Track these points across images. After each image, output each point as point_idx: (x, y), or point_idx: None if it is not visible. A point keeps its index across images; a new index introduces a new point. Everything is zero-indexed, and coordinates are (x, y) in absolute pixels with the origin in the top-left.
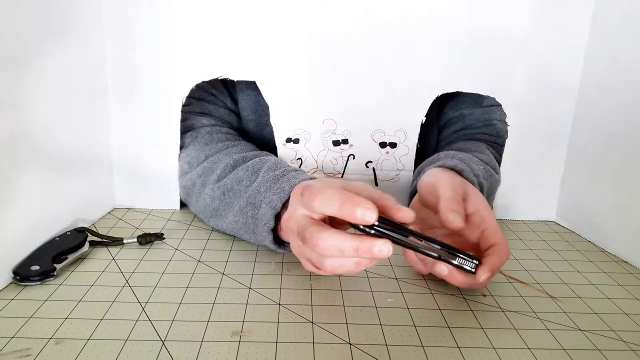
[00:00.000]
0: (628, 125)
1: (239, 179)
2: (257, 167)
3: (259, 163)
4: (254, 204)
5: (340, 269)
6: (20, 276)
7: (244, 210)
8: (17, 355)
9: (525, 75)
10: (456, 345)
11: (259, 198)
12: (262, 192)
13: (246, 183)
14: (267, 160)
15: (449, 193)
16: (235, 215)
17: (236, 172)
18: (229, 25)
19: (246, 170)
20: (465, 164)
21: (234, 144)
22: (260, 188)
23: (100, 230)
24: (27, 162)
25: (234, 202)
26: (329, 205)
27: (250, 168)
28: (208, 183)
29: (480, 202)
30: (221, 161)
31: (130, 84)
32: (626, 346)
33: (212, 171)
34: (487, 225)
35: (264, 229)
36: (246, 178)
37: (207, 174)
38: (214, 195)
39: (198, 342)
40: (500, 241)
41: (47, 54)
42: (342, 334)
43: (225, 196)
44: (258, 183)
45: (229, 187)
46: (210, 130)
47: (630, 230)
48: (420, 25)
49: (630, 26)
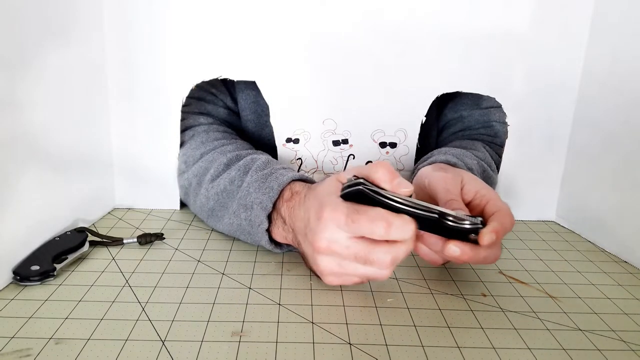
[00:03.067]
0: (628, 125)
1: (231, 178)
2: (248, 166)
3: (250, 162)
4: (245, 205)
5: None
6: (20, 276)
7: (236, 213)
8: (17, 355)
9: (525, 75)
10: (456, 345)
11: (250, 199)
12: (252, 192)
13: (237, 183)
14: (257, 159)
15: (443, 196)
16: (230, 217)
17: (229, 172)
18: (229, 25)
19: (238, 169)
20: (457, 159)
21: (230, 142)
22: (249, 189)
23: (100, 230)
24: (27, 162)
25: (227, 203)
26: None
27: (242, 167)
28: (203, 182)
29: (476, 183)
30: (216, 160)
31: (130, 84)
32: (626, 346)
33: (207, 170)
34: (488, 200)
35: (259, 231)
36: (238, 178)
37: (202, 174)
38: (208, 195)
39: (198, 342)
40: (500, 208)
41: (47, 54)
42: (342, 334)
43: (219, 196)
44: (247, 183)
45: (222, 187)
46: (207, 128)
47: (630, 230)
48: (421, 25)
49: (630, 26)
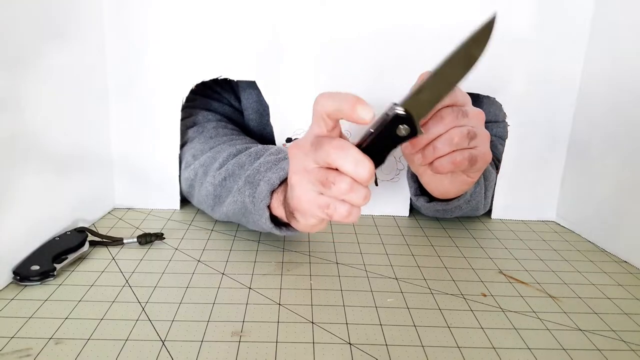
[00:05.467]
0: (628, 125)
1: (240, 163)
2: (259, 153)
3: (262, 150)
4: (252, 182)
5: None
6: (20, 276)
7: (241, 190)
8: (17, 355)
9: (525, 75)
10: (456, 345)
11: (258, 177)
12: (262, 171)
13: (247, 167)
14: (270, 147)
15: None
16: (234, 195)
17: (238, 158)
18: (229, 25)
19: (249, 155)
20: None
21: (238, 138)
22: (260, 168)
23: (100, 230)
24: (27, 162)
25: (233, 187)
26: (329, 104)
27: (253, 154)
28: (210, 171)
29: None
30: (224, 150)
31: (130, 84)
32: (626, 346)
33: (215, 159)
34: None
35: (261, 206)
36: (248, 162)
37: (209, 163)
38: (215, 182)
39: (198, 342)
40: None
41: (47, 54)
42: (342, 334)
43: (226, 181)
44: (258, 164)
45: (230, 171)
46: (216, 125)
47: (630, 230)
48: (421, 25)
49: (630, 26)
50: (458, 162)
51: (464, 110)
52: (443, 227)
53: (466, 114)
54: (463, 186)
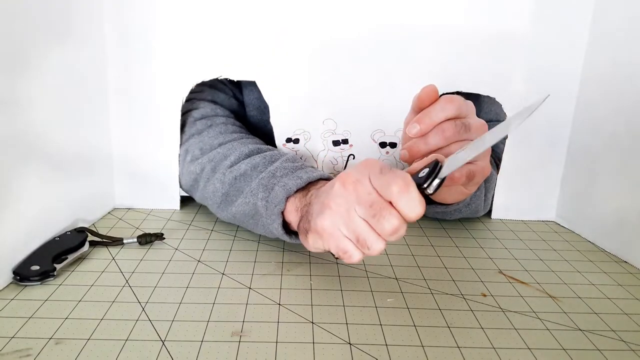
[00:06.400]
0: (628, 125)
1: (254, 164)
2: (275, 157)
3: (277, 154)
4: (266, 186)
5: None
6: (20, 276)
7: (254, 192)
8: (17, 355)
9: (525, 75)
10: (456, 345)
11: (273, 181)
12: (278, 176)
13: (260, 169)
14: (284, 153)
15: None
16: (245, 197)
17: (252, 159)
18: (229, 25)
19: (263, 158)
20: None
21: (249, 137)
22: (276, 172)
23: (100, 230)
24: (27, 162)
25: (244, 188)
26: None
27: (268, 157)
28: (220, 168)
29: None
30: (236, 149)
31: (130, 84)
32: (626, 346)
33: (226, 157)
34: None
35: (274, 211)
36: (262, 165)
37: (219, 160)
38: (224, 180)
39: (198, 342)
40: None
41: (47, 54)
42: (342, 334)
43: (237, 181)
44: (274, 168)
45: (243, 171)
46: (225, 121)
47: (630, 230)
48: (420, 25)
49: (630, 26)
50: (456, 178)
51: (466, 123)
52: (443, 227)
53: (468, 128)
54: (460, 196)
